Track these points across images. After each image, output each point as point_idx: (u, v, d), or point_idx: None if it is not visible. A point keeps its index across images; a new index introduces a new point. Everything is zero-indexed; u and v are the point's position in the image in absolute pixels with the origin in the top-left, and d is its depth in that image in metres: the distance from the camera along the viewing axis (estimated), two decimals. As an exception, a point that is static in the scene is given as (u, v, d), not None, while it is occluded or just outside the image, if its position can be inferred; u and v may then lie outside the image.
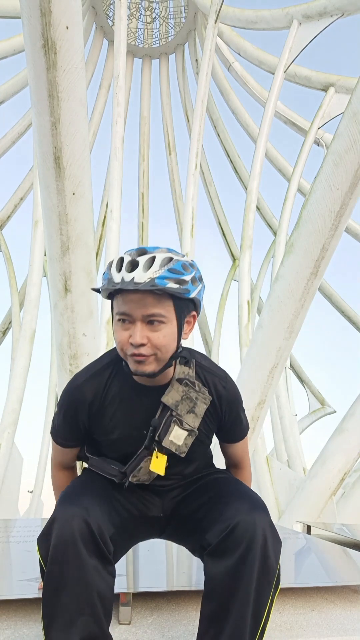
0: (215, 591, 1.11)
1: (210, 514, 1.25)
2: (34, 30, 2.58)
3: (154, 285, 1.06)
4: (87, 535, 1.08)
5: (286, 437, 10.67)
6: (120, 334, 1.14)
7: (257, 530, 1.10)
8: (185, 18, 13.77)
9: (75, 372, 3.75)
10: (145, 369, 1.15)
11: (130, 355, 1.14)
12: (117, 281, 1.08)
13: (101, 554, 1.10)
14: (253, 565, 1.07)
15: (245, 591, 1.07)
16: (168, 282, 1.08)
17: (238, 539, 1.09)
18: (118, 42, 8.08)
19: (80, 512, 1.09)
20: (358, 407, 5.34)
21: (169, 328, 1.14)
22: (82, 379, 1.28)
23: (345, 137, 3.23)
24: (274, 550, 1.11)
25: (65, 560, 1.06)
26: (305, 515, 5.03)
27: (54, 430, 1.36)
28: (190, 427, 1.24)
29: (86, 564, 1.07)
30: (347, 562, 2.24)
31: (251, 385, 4.24)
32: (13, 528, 2.60)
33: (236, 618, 1.07)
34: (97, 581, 1.08)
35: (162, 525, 1.37)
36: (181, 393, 1.24)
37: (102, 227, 13.94)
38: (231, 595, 1.08)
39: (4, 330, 14.23)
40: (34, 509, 11.31)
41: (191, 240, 8.28)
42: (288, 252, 3.80)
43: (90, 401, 1.26)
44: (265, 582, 1.09)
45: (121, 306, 1.12)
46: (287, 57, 9.95)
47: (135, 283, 1.06)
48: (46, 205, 3.23)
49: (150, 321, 1.11)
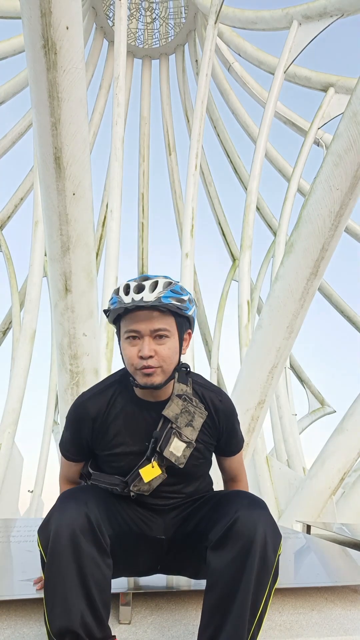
0: (218, 582, 1.15)
1: (211, 516, 1.31)
2: (34, 30, 2.58)
3: (160, 302, 1.24)
4: (85, 525, 1.13)
5: (286, 437, 10.67)
6: (129, 350, 1.28)
7: (257, 524, 1.15)
8: (185, 18, 13.77)
9: (75, 371, 3.78)
10: (154, 380, 1.28)
11: (139, 369, 1.27)
12: (127, 302, 1.24)
13: (98, 543, 1.15)
14: (254, 558, 1.12)
15: (246, 581, 1.11)
16: (171, 300, 1.26)
17: (239, 532, 1.15)
18: (118, 42, 8.08)
19: (79, 505, 1.16)
20: (358, 407, 5.34)
21: (172, 342, 1.29)
22: (86, 396, 1.41)
23: (345, 138, 3.23)
24: (273, 544, 1.15)
25: (63, 549, 1.10)
26: (305, 514, 5.04)
27: (62, 444, 1.46)
28: (188, 440, 1.33)
29: (83, 553, 1.11)
30: (347, 562, 2.24)
31: (251, 385, 4.25)
32: (13, 528, 2.60)
33: (238, 607, 1.10)
34: (94, 571, 1.12)
35: (164, 549, 1.41)
36: (180, 407, 1.35)
37: (102, 227, 13.94)
38: (234, 586, 1.12)
39: (4, 330, 14.23)
40: (34, 508, 11.31)
41: (191, 240, 8.29)
42: (288, 252, 3.80)
43: (94, 417, 1.36)
44: (265, 573, 1.13)
45: (130, 325, 1.27)
46: (287, 57, 9.96)
47: (144, 302, 1.23)
48: (46, 205, 3.23)
49: (156, 336, 1.27)
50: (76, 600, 1.08)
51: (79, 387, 3.76)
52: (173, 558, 1.44)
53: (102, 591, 1.13)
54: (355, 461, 5.29)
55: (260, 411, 4.31)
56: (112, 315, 1.31)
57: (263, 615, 1.14)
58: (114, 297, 1.30)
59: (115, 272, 6.92)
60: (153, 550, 1.41)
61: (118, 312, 1.29)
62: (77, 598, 1.09)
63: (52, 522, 1.14)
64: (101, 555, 1.15)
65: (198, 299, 15.66)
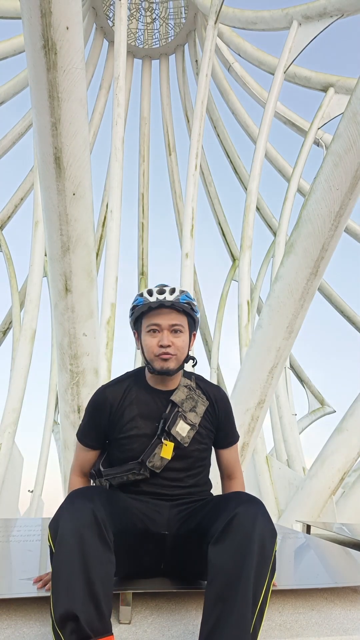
0: (219, 575, 1.18)
1: (212, 514, 1.38)
2: (34, 30, 2.58)
3: (178, 303, 1.56)
4: (92, 521, 1.21)
5: (286, 437, 10.67)
6: (150, 341, 1.57)
7: (255, 519, 1.24)
8: (185, 19, 13.77)
9: (75, 371, 3.78)
10: (169, 365, 1.56)
11: (157, 355, 1.55)
12: (153, 300, 1.55)
13: (103, 540, 1.21)
14: (253, 549, 1.18)
15: (247, 572, 1.15)
16: (185, 302, 1.58)
17: (238, 526, 1.23)
18: (118, 42, 8.08)
19: (87, 502, 1.25)
20: (357, 406, 5.34)
21: (185, 336, 1.60)
22: (106, 385, 1.68)
23: (345, 138, 3.23)
24: (270, 537, 1.24)
25: (70, 542, 1.17)
26: (304, 514, 5.04)
27: (79, 430, 1.68)
28: (192, 423, 1.59)
29: (89, 547, 1.17)
30: (347, 562, 2.24)
31: (251, 385, 4.25)
32: (13, 527, 2.60)
33: (240, 597, 1.13)
34: (98, 565, 1.17)
35: (167, 546, 1.49)
36: (186, 394, 1.63)
37: (103, 227, 13.94)
38: (234, 577, 1.15)
39: (4, 330, 14.24)
40: (34, 508, 11.31)
41: (191, 240, 8.29)
42: (288, 252, 3.81)
43: (111, 403, 1.61)
44: (264, 564, 1.19)
45: (152, 320, 1.57)
46: (287, 57, 9.96)
47: (167, 301, 1.55)
48: (46, 205, 3.23)
49: (173, 330, 1.57)
50: (79, 590, 1.12)
51: (79, 387, 3.77)
52: (176, 557, 1.50)
53: (104, 586, 1.16)
54: (355, 461, 5.29)
55: (260, 411, 4.31)
56: (138, 311, 1.58)
57: (264, 606, 1.17)
58: (139, 299, 1.59)
59: (115, 272, 6.92)
60: (156, 546, 1.48)
61: (142, 310, 1.57)
62: (80, 587, 1.12)
63: (61, 517, 1.23)
64: (105, 551, 1.21)
65: (198, 299, 15.66)
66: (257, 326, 4.28)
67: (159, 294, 1.55)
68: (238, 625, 1.10)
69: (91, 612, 1.11)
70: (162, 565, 1.53)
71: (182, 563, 1.52)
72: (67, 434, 3.96)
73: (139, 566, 1.49)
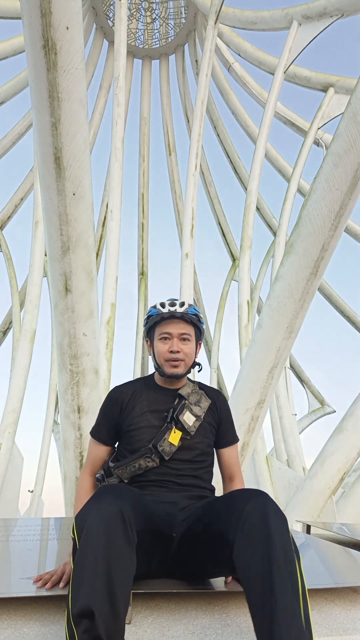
0: (251, 571, 1.20)
1: (220, 515, 1.42)
2: (34, 30, 2.58)
3: (187, 314, 1.79)
4: (119, 519, 1.22)
5: (286, 437, 10.66)
6: (161, 347, 1.79)
7: (267, 510, 1.28)
8: (185, 19, 13.76)
9: (75, 371, 3.78)
10: (178, 370, 1.79)
11: (167, 361, 1.78)
12: (165, 311, 1.79)
13: (127, 539, 1.22)
14: (274, 540, 1.20)
15: (278, 565, 1.16)
16: (193, 314, 1.81)
17: (253, 520, 1.27)
18: (118, 42, 8.08)
19: (115, 499, 1.28)
20: (357, 406, 5.34)
21: (192, 345, 1.83)
22: (119, 385, 1.90)
23: (345, 138, 3.23)
24: (284, 523, 1.27)
25: (96, 537, 1.18)
26: (304, 514, 5.04)
27: (93, 428, 1.86)
28: (197, 414, 1.77)
29: (114, 544, 1.18)
30: (347, 562, 2.24)
31: (251, 385, 4.25)
32: (13, 527, 2.60)
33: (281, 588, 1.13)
34: (120, 564, 1.17)
35: (173, 549, 1.52)
36: (191, 388, 1.85)
37: (103, 227, 13.94)
38: (270, 573, 1.15)
39: (4, 330, 14.24)
40: (34, 508, 11.31)
41: (191, 240, 8.28)
42: (288, 252, 3.80)
43: (123, 398, 1.81)
44: (291, 551, 1.22)
45: (164, 328, 1.79)
46: (287, 57, 9.95)
47: (177, 312, 1.78)
48: (46, 205, 3.23)
49: (182, 338, 1.79)
50: (100, 588, 1.11)
51: (79, 387, 3.76)
52: (180, 559, 1.52)
53: (124, 586, 1.16)
54: (355, 461, 5.29)
55: (260, 411, 4.31)
56: (152, 321, 1.81)
57: (305, 589, 1.18)
58: (153, 310, 1.83)
59: (115, 272, 6.92)
60: (164, 548, 1.51)
61: (156, 320, 1.80)
62: (100, 586, 1.12)
63: (90, 513, 1.24)
64: (129, 551, 1.22)
65: (198, 299, 15.66)
66: (257, 326, 4.28)
67: (171, 307, 1.79)
68: (293, 614, 1.10)
69: (107, 613, 1.09)
70: (166, 567, 1.55)
71: (185, 565, 1.54)
72: (67, 434, 3.95)
73: (147, 567, 1.50)
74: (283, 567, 1.16)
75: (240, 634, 1.38)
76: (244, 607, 1.58)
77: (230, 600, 1.64)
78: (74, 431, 3.78)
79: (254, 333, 4.36)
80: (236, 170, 14.18)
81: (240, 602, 1.63)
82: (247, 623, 1.46)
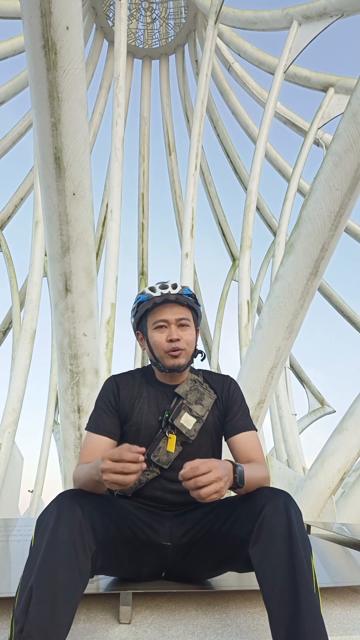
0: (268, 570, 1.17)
1: (232, 512, 1.34)
2: (34, 30, 2.58)
3: (182, 295, 1.54)
4: (75, 527, 1.16)
5: (286, 437, 10.67)
6: (158, 337, 1.52)
7: (288, 509, 1.22)
8: (185, 19, 13.76)
9: (75, 371, 3.78)
10: (180, 361, 1.51)
11: (167, 352, 1.50)
12: (158, 295, 1.52)
13: (83, 548, 1.16)
14: (294, 540, 1.18)
15: (300, 560, 1.15)
16: (189, 296, 1.57)
17: (272, 521, 1.21)
18: (118, 42, 8.08)
19: (75, 506, 1.20)
20: (357, 406, 5.34)
21: (192, 330, 1.57)
22: (116, 375, 1.64)
23: (345, 138, 3.23)
24: (302, 520, 1.24)
25: (45, 543, 1.13)
26: (304, 514, 5.02)
27: (89, 421, 1.57)
28: (197, 415, 1.52)
29: (61, 555, 1.12)
30: (347, 562, 2.24)
31: (251, 385, 4.25)
32: (13, 527, 2.60)
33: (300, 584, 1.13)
34: (66, 573, 1.11)
35: (168, 557, 1.44)
36: (190, 385, 1.58)
37: (103, 227, 13.94)
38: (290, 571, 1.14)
39: (4, 330, 14.24)
40: (34, 508, 11.32)
41: (191, 240, 8.28)
42: (288, 252, 3.80)
43: (121, 389, 1.57)
44: (307, 548, 1.21)
45: (158, 316, 1.52)
46: (287, 57, 9.95)
47: (171, 294, 1.52)
48: (46, 205, 3.23)
49: (180, 324, 1.53)
50: (41, 601, 1.06)
51: (79, 387, 3.76)
52: (178, 565, 1.46)
53: (67, 600, 1.09)
54: (355, 461, 5.28)
55: (260, 411, 4.31)
56: (143, 309, 1.53)
57: (318, 586, 1.18)
58: (142, 296, 1.55)
59: (115, 272, 6.92)
60: (158, 557, 1.43)
61: (147, 307, 1.52)
62: (42, 598, 1.07)
63: (48, 515, 1.19)
64: (80, 561, 1.15)
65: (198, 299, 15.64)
66: (257, 326, 4.28)
67: (163, 289, 1.52)
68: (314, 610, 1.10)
69: (47, 630, 1.04)
70: (163, 574, 1.51)
71: (185, 570, 1.49)
72: (67, 434, 3.95)
73: (138, 573, 1.46)
74: (305, 562, 1.16)
75: (240, 634, 1.37)
76: (244, 607, 1.58)
77: (230, 600, 1.64)
78: (74, 431, 3.78)
79: (254, 333, 4.36)
80: (236, 170, 14.18)
81: (240, 602, 1.63)
82: (247, 623, 1.46)
